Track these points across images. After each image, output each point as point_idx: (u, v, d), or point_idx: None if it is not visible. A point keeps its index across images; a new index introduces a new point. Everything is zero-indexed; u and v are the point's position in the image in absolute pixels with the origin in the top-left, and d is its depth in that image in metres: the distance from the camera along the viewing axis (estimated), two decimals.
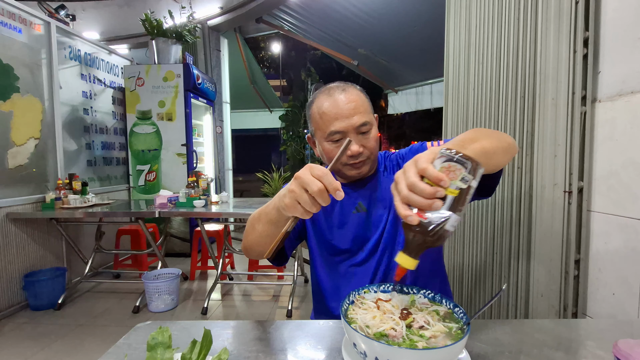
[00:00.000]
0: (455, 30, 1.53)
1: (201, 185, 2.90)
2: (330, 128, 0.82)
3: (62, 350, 2.02)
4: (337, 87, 0.85)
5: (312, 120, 0.88)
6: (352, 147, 0.81)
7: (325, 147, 0.85)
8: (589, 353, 0.60)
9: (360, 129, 0.82)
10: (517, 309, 1.30)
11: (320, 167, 0.56)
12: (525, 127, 1.23)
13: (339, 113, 0.81)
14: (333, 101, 0.82)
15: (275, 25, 5.36)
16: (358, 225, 0.89)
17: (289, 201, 0.56)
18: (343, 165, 0.85)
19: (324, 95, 0.85)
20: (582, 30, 1.08)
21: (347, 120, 0.81)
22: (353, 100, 0.82)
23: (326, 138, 0.84)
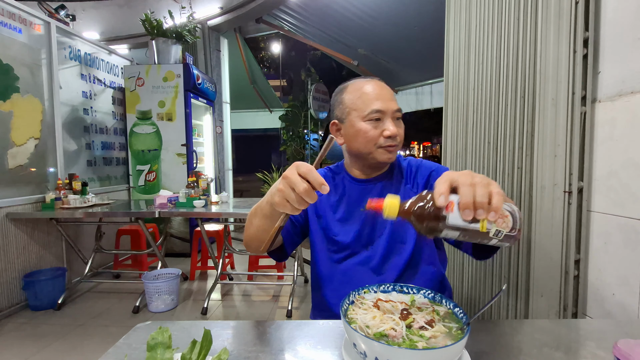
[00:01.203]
0: (455, 30, 1.53)
1: (201, 185, 2.90)
2: (371, 107, 0.86)
3: (62, 350, 2.02)
4: (372, 78, 0.92)
5: (346, 102, 0.91)
6: (390, 127, 0.86)
7: (363, 127, 0.87)
8: (589, 353, 0.60)
9: (395, 114, 0.88)
10: (517, 309, 1.30)
11: (306, 165, 0.57)
12: (525, 127, 1.23)
13: (380, 94, 0.87)
14: (374, 84, 0.89)
15: (275, 26, 5.36)
16: (365, 222, 0.90)
17: (279, 200, 0.59)
18: (377, 148, 0.87)
19: (362, 80, 0.91)
20: (582, 31, 1.08)
21: (387, 103, 0.87)
22: (388, 89, 0.90)
23: (365, 117, 0.87)
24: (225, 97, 5.21)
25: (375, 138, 0.87)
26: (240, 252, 3.13)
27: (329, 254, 0.92)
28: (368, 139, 0.87)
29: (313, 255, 0.96)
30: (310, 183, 0.56)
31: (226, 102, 5.26)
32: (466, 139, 1.49)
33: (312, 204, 0.87)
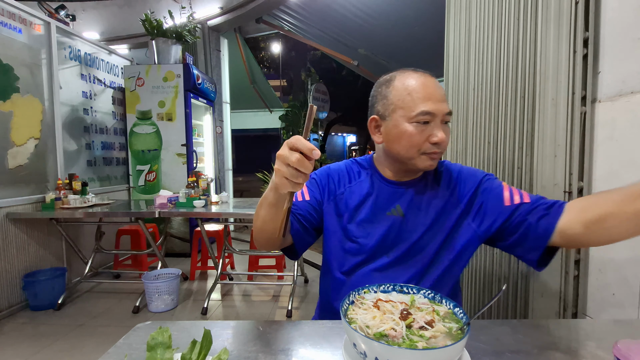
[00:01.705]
0: (455, 30, 1.53)
1: (201, 185, 2.90)
2: (420, 107, 0.77)
3: (62, 350, 2.02)
4: (423, 71, 0.82)
5: (391, 97, 0.81)
6: (438, 133, 0.77)
7: (408, 130, 0.78)
8: (589, 353, 0.60)
9: (446, 117, 0.79)
10: (517, 309, 1.30)
11: (294, 137, 0.57)
12: (525, 127, 1.23)
13: (432, 94, 0.77)
14: (425, 81, 0.79)
15: (275, 26, 5.36)
16: (390, 228, 0.84)
17: (278, 179, 0.59)
18: (420, 154, 0.80)
19: (412, 74, 0.81)
20: (582, 31, 1.08)
21: (439, 104, 0.77)
22: (441, 87, 0.80)
23: (412, 118, 0.78)
24: (225, 97, 5.21)
25: (420, 143, 0.78)
26: (241, 252, 3.14)
27: (345, 256, 0.86)
28: (412, 144, 0.79)
29: (327, 256, 0.91)
30: (302, 152, 0.55)
31: (226, 102, 5.26)
32: (466, 139, 1.49)
33: (331, 202, 0.90)
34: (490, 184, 0.84)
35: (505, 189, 0.82)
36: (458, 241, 0.83)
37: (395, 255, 0.83)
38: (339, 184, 0.91)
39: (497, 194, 0.82)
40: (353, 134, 20.99)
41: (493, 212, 0.80)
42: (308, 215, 0.86)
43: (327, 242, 0.90)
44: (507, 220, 0.78)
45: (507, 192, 0.81)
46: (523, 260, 0.79)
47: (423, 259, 0.83)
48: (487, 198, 0.82)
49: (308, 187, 0.91)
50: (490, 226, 0.80)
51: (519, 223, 0.77)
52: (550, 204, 0.76)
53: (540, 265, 0.76)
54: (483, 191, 0.84)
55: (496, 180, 0.86)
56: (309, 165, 0.56)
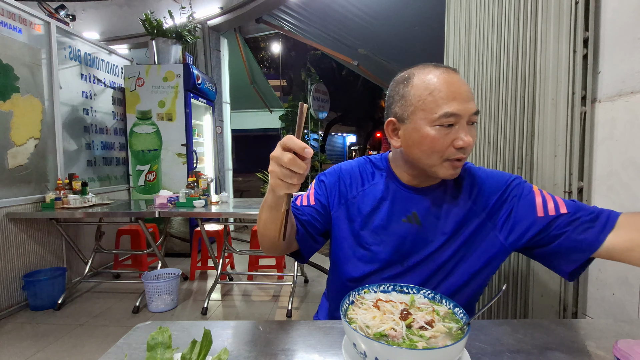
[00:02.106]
0: (455, 30, 1.53)
1: (201, 185, 2.90)
2: (444, 108, 0.68)
3: (62, 350, 2.02)
4: (445, 66, 0.73)
5: (410, 98, 0.73)
6: (464, 137, 0.69)
7: (430, 134, 0.70)
8: (589, 353, 0.60)
9: (472, 118, 0.71)
10: (517, 309, 1.30)
11: (286, 137, 0.56)
12: (525, 127, 1.23)
13: (457, 92, 0.69)
14: (448, 78, 0.70)
15: (275, 26, 5.36)
16: (405, 236, 0.78)
17: (272, 180, 0.58)
18: (443, 160, 0.72)
19: (433, 70, 0.72)
20: (582, 31, 1.08)
21: (465, 104, 0.69)
22: (466, 84, 0.71)
23: (435, 121, 0.69)
24: (225, 97, 5.21)
25: (443, 149, 0.70)
26: (241, 252, 3.13)
27: (357, 262, 0.81)
28: (434, 149, 0.71)
29: (337, 262, 0.85)
30: (293, 150, 0.55)
31: (226, 102, 5.26)
32: None
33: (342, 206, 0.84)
34: (519, 190, 0.76)
35: (536, 195, 0.75)
36: (481, 254, 0.76)
37: (410, 264, 0.78)
38: (350, 187, 0.85)
39: (528, 202, 0.74)
40: (353, 134, 20.99)
41: (524, 223, 0.73)
42: (313, 221, 0.82)
43: (338, 248, 0.85)
44: (541, 233, 0.71)
45: (539, 198, 0.74)
46: (554, 270, 0.74)
47: (439, 271, 0.77)
48: (516, 206, 0.75)
49: (315, 190, 0.87)
50: (520, 238, 0.73)
51: (556, 236, 0.70)
52: (594, 214, 0.69)
53: (572, 276, 0.72)
54: (511, 198, 0.76)
55: (526, 185, 0.78)
56: (302, 165, 0.55)
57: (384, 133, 0.89)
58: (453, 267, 0.77)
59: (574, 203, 0.73)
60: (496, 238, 0.76)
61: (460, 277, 0.77)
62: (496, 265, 0.79)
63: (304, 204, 0.85)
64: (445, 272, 0.77)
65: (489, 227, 0.76)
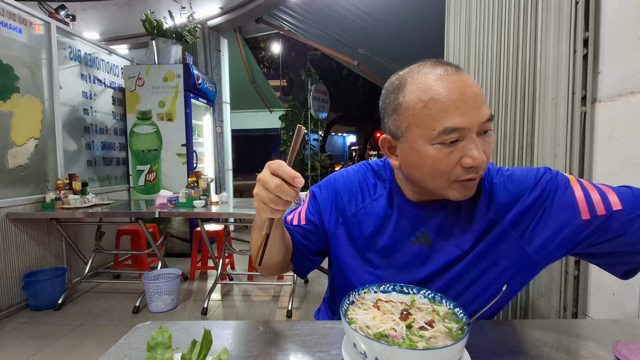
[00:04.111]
0: (455, 30, 1.53)
1: (201, 185, 2.90)
2: (443, 124, 0.55)
3: (62, 350, 2.02)
4: (445, 64, 0.59)
5: (402, 113, 0.60)
6: (473, 153, 0.56)
7: (430, 154, 0.58)
8: (589, 353, 0.60)
9: (484, 127, 0.57)
10: (517, 309, 1.30)
11: (276, 161, 0.53)
12: (525, 127, 1.23)
13: (459, 100, 0.55)
14: (449, 83, 0.56)
15: (275, 26, 5.36)
16: (414, 259, 0.69)
17: (257, 204, 0.56)
18: (452, 182, 0.59)
19: (428, 76, 0.58)
20: (582, 31, 1.08)
21: (471, 114, 0.55)
22: (474, 84, 0.57)
23: (433, 139, 0.57)
24: (225, 97, 5.22)
25: (449, 170, 0.58)
26: (241, 252, 3.13)
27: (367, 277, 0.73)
28: (438, 172, 0.58)
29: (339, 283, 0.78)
30: (283, 178, 0.52)
31: (226, 102, 5.26)
32: None
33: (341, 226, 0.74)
34: (553, 187, 0.62)
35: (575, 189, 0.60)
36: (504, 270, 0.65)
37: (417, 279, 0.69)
38: (349, 204, 0.74)
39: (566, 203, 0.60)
40: (353, 134, 20.99)
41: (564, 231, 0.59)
42: (304, 242, 0.76)
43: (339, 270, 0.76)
44: (588, 238, 0.59)
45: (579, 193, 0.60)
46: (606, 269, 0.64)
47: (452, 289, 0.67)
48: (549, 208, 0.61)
49: (307, 208, 0.78)
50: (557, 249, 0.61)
51: (610, 240, 0.58)
52: None
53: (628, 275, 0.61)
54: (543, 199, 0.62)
55: (560, 178, 0.63)
56: (290, 192, 0.52)
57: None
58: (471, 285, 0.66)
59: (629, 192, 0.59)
60: (523, 251, 0.63)
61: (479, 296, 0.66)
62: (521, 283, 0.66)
63: (294, 224, 0.77)
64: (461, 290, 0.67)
65: (513, 238, 0.63)
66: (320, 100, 7.04)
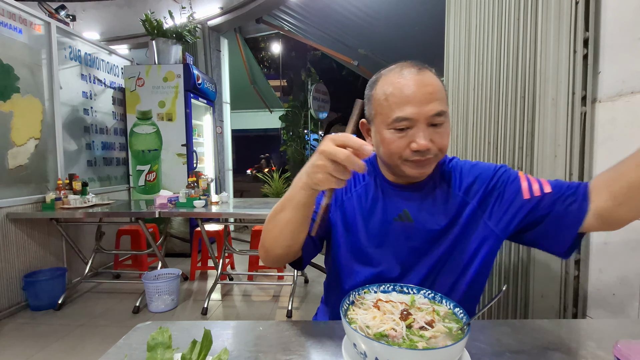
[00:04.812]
0: (455, 31, 1.53)
1: (201, 185, 2.90)
2: (396, 113, 0.69)
3: (62, 351, 2.02)
4: (411, 65, 0.72)
5: (372, 103, 0.75)
6: (419, 140, 0.69)
7: (386, 137, 0.72)
8: (589, 353, 0.60)
9: (433, 120, 0.69)
10: (517, 309, 1.30)
11: (341, 134, 0.55)
12: (525, 127, 1.23)
13: (411, 96, 0.68)
14: (405, 82, 0.69)
15: (275, 26, 5.37)
16: (399, 236, 0.78)
17: (321, 176, 0.57)
18: (403, 161, 0.72)
19: (394, 74, 0.72)
20: (582, 31, 1.08)
21: (421, 107, 0.68)
22: (430, 84, 0.69)
23: (389, 125, 0.70)
24: (225, 97, 5.22)
25: (399, 151, 0.71)
26: (241, 252, 3.13)
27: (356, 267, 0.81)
28: (391, 151, 0.72)
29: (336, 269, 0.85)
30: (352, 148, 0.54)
31: (226, 102, 5.26)
32: (466, 139, 1.49)
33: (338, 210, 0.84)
34: (506, 177, 0.78)
35: (522, 179, 0.76)
36: (474, 243, 0.77)
37: (408, 263, 0.78)
38: (342, 189, 0.85)
39: (514, 187, 0.75)
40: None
41: (512, 208, 0.74)
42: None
43: (336, 253, 0.84)
44: (529, 215, 0.73)
45: (524, 182, 0.75)
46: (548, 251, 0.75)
47: (436, 265, 0.77)
48: (503, 192, 0.76)
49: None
50: (509, 223, 0.75)
51: (544, 216, 0.72)
52: (574, 187, 0.71)
53: (568, 253, 0.73)
54: (499, 185, 0.77)
55: (511, 171, 0.79)
56: (359, 162, 0.54)
57: None
58: (448, 259, 0.77)
59: (557, 182, 0.75)
60: (486, 226, 0.76)
61: (455, 269, 0.77)
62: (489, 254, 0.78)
63: None
64: (441, 265, 0.77)
65: (479, 216, 0.77)
66: (320, 100, 7.04)
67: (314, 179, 0.58)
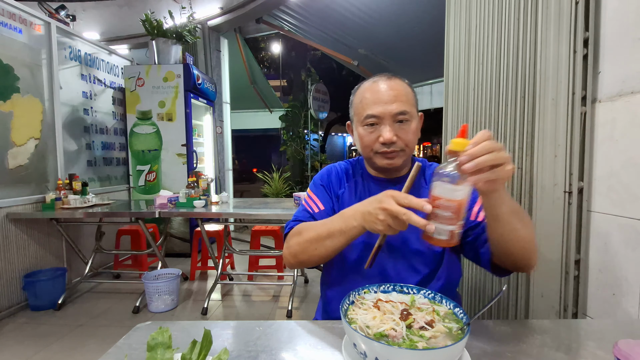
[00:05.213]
0: (455, 31, 1.53)
1: (201, 185, 2.90)
2: (366, 112, 0.84)
3: (62, 351, 2.02)
4: (384, 75, 0.87)
5: (352, 106, 0.90)
6: (384, 133, 0.82)
7: (360, 133, 0.86)
8: (589, 353, 0.60)
9: (397, 117, 0.82)
10: (517, 309, 1.30)
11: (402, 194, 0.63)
12: (525, 127, 1.23)
13: (378, 98, 0.83)
14: (376, 87, 0.85)
15: (275, 26, 5.37)
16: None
17: (381, 227, 0.64)
18: (375, 153, 0.86)
19: (369, 82, 0.88)
20: (582, 31, 1.08)
21: (385, 106, 0.82)
22: (395, 89, 0.84)
23: (362, 122, 0.85)
24: (225, 97, 5.21)
25: (370, 144, 0.85)
26: (241, 252, 3.14)
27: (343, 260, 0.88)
28: (364, 144, 0.86)
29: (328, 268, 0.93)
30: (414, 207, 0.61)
31: (226, 102, 5.26)
32: None
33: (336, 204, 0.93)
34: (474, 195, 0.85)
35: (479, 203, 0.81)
36: None
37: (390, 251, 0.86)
38: (339, 184, 0.96)
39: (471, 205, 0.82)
40: None
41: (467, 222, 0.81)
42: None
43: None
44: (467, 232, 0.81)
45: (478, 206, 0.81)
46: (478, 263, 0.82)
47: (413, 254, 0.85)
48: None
49: (320, 195, 0.94)
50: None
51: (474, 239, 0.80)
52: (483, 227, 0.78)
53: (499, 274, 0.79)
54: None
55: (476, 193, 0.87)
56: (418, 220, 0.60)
57: None
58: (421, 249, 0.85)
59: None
60: None
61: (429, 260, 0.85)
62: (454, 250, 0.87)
63: (315, 211, 0.92)
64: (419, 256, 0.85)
65: None
66: (320, 100, 7.03)
67: (372, 227, 0.66)
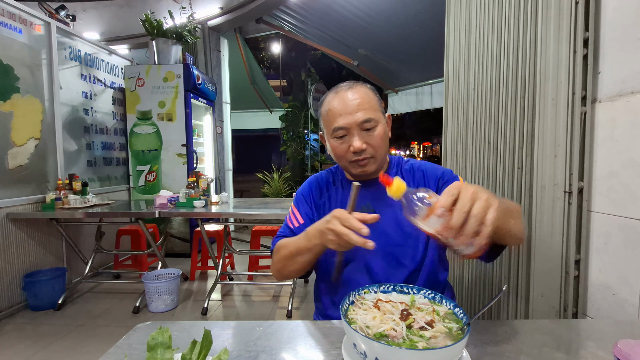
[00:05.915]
0: (455, 31, 1.53)
1: (201, 185, 2.90)
2: (334, 124, 0.84)
3: (62, 351, 2.02)
4: (345, 85, 0.88)
5: (321, 118, 0.91)
6: (354, 143, 0.83)
7: (331, 144, 0.88)
8: (589, 353, 0.60)
9: (363, 125, 0.83)
10: (517, 309, 1.30)
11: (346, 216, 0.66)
12: (525, 127, 1.23)
13: (343, 109, 0.83)
14: (339, 98, 0.85)
15: (275, 26, 5.37)
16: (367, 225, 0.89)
17: (334, 246, 0.70)
18: (349, 162, 0.87)
19: (332, 94, 0.88)
20: (582, 31, 1.08)
21: (350, 117, 0.83)
22: (358, 97, 0.84)
23: (332, 135, 0.86)
24: (225, 97, 5.21)
25: (343, 154, 0.86)
26: (241, 252, 3.13)
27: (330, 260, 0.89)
28: (338, 156, 0.88)
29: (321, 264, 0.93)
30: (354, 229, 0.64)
31: (226, 102, 5.26)
32: (466, 139, 1.49)
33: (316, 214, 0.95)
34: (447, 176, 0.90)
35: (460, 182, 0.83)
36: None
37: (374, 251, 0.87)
38: (319, 194, 0.98)
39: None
40: None
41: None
42: None
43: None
44: None
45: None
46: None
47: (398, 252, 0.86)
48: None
49: (300, 208, 0.96)
50: None
51: None
52: None
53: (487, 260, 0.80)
54: (441, 186, 0.89)
55: (456, 179, 0.89)
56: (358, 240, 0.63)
57: None
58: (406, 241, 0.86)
59: None
60: None
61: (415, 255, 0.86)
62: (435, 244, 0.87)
63: (295, 225, 0.94)
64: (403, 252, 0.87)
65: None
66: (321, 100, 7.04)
67: (327, 243, 0.70)
